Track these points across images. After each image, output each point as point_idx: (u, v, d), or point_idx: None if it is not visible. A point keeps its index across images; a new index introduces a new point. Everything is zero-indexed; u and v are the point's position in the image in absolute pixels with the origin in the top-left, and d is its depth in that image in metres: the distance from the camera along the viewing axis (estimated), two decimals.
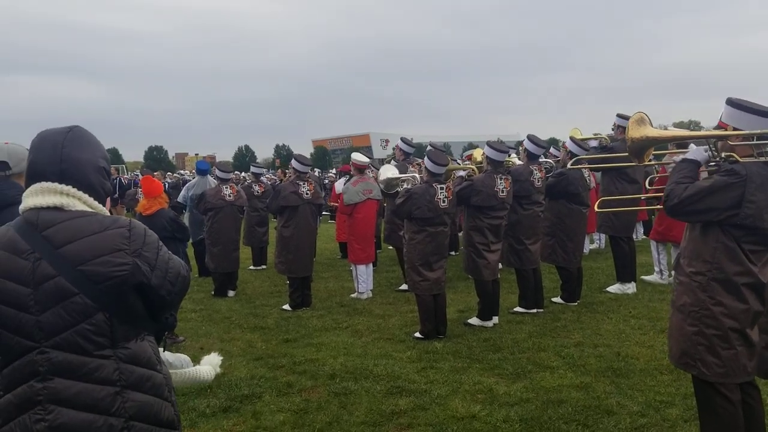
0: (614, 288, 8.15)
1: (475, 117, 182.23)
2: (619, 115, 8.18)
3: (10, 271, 1.98)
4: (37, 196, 2.05)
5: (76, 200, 2.06)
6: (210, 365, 2.69)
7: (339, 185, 11.73)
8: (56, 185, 2.05)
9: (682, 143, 7.11)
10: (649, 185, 7.13)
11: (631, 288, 8.08)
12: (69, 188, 2.06)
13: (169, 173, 29.85)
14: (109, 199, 2.24)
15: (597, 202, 6.58)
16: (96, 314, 1.97)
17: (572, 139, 7.87)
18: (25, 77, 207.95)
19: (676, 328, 3.42)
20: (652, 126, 3.66)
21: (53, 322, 1.95)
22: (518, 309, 7.30)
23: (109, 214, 2.16)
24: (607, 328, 6.54)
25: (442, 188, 6.38)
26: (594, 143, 8.56)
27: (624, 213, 7.75)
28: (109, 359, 1.99)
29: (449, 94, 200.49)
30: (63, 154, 2.07)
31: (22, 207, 2.08)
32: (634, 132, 3.56)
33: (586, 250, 10.53)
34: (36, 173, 2.07)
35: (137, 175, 23.19)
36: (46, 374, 1.95)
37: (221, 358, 2.76)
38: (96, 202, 2.12)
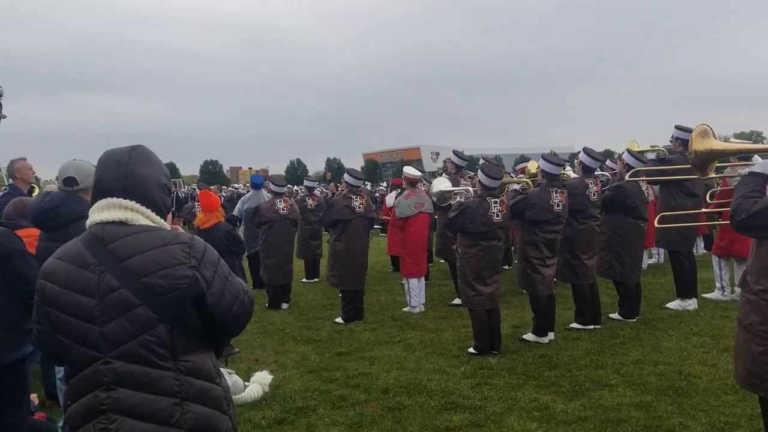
0: (674, 304, 7.91)
1: (527, 129, 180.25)
2: (677, 127, 7.97)
3: (77, 283, 2.05)
4: (102, 212, 2.12)
5: (139, 215, 2.13)
6: (259, 383, 2.73)
7: (390, 199, 11.76)
8: (121, 200, 2.11)
9: (745, 156, 6.90)
10: (710, 199, 6.94)
11: (692, 304, 7.83)
12: (133, 203, 2.12)
13: (224, 187, 30.38)
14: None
15: (657, 217, 6.39)
16: (158, 326, 2.02)
17: (629, 151, 7.70)
18: (83, 95, 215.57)
19: (742, 348, 3.30)
20: (715, 138, 3.55)
21: (117, 333, 2.00)
22: (575, 325, 7.15)
23: (170, 229, 2.21)
24: (668, 345, 6.34)
25: (496, 202, 6.32)
26: (651, 156, 8.35)
27: (683, 227, 7.52)
28: (170, 371, 2.04)
29: (500, 106, 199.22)
30: (128, 171, 2.14)
31: (88, 222, 2.15)
32: (698, 145, 3.46)
33: (644, 265, 10.26)
34: (102, 190, 2.14)
35: (194, 189, 23.67)
36: (109, 384, 2.00)
37: (272, 377, 2.79)
38: (158, 217, 2.18)
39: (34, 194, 6.73)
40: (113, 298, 2.01)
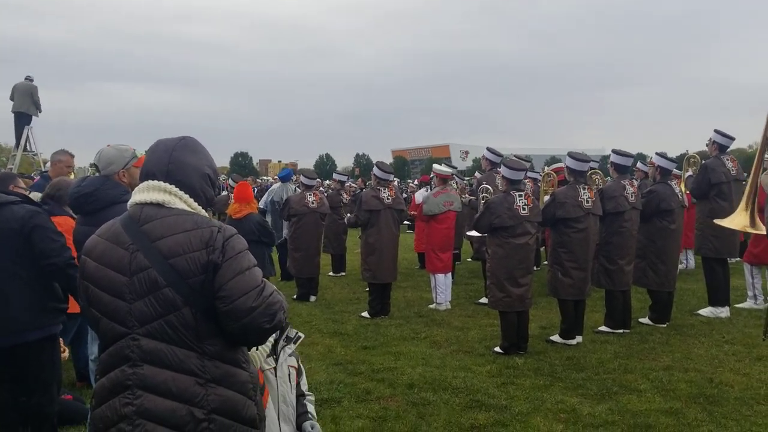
0: (706, 311, 7.77)
1: (559, 131, 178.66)
2: (717, 131, 7.83)
3: (111, 260, 2.12)
4: (143, 193, 2.18)
5: (176, 199, 2.17)
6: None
7: (419, 195, 11.72)
8: (160, 183, 2.17)
9: None
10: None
11: (724, 312, 7.68)
12: (171, 187, 2.17)
13: (253, 178, 30.67)
14: None
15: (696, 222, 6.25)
16: (183, 308, 2.05)
17: (660, 153, 7.61)
18: (117, 84, 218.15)
19: None
20: None
21: (144, 311, 2.05)
22: (603, 328, 7.06)
23: (207, 215, 2.23)
24: (699, 352, 6.23)
25: (520, 195, 6.25)
26: (689, 173, 8.54)
27: (725, 234, 7.33)
28: (195, 352, 2.06)
29: (531, 109, 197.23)
30: (171, 157, 2.21)
31: (129, 202, 2.22)
32: None
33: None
34: (147, 173, 2.22)
35: (224, 179, 23.88)
36: (136, 360, 2.05)
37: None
38: (195, 203, 2.21)
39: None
40: (142, 277, 2.06)
